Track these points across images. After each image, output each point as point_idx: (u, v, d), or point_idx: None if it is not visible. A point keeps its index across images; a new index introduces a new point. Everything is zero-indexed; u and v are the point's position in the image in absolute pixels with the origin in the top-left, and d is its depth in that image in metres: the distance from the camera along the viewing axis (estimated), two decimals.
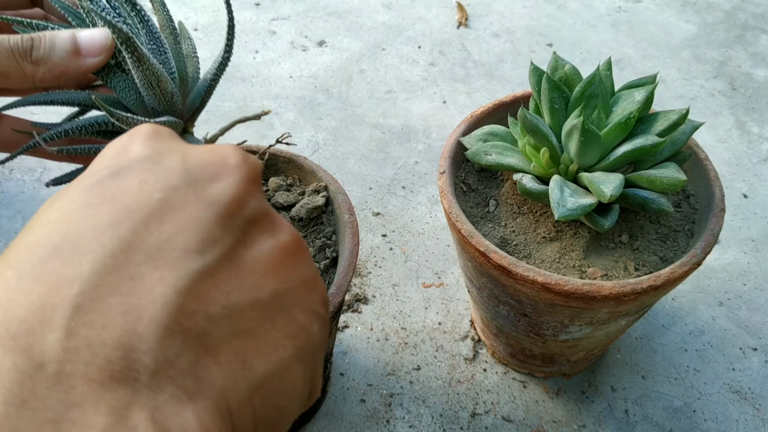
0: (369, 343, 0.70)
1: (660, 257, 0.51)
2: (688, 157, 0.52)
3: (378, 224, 0.82)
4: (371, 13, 1.21)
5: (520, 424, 0.63)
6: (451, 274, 0.76)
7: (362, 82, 1.05)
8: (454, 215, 0.52)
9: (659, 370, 0.67)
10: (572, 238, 0.52)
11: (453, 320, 0.72)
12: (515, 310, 0.54)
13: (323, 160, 0.91)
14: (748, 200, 0.85)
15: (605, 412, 0.64)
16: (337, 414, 0.64)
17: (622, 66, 1.08)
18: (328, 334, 0.23)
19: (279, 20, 1.19)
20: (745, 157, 0.91)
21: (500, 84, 1.05)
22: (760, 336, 0.70)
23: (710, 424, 0.63)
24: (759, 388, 0.65)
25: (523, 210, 0.55)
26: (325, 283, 0.27)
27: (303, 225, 0.54)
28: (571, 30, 1.16)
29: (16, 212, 0.85)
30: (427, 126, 0.97)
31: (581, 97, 0.51)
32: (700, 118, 0.96)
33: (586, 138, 0.48)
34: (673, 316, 0.72)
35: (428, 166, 0.90)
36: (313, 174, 0.57)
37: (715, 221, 0.51)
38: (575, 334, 0.54)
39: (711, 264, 0.77)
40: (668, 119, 0.50)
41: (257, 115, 0.42)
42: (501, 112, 0.61)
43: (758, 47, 1.11)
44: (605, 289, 0.46)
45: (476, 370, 0.67)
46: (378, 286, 0.75)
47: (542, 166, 0.52)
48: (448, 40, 1.14)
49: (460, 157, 0.59)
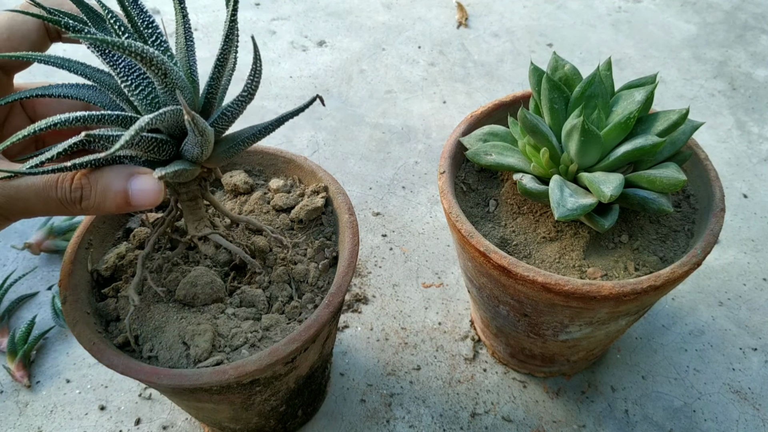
0: (369, 343, 0.70)
1: (660, 257, 0.51)
2: (688, 157, 0.52)
3: (378, 224, 0.82)
4: (371, 13, 1.21)
5: (520, 424, 0.63)
6: (451, 274, 0.76)
7: (362, 82, 1.05)
8: (454, 215, 0.52)
9: (659, 370, 0.67)
10: (572, 238, 0.52)
11: (453, 320, 0.72)
12: (515, 310, 0.54)
13: (323, 160, 0.91)
14: (748, 200, 0.85)
15: (605, 412, 0.64)
16: (337, 414, 0.64)
17: (622, 66, 1.07)
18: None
19: (279, 20, 1.19)
20: (745, 157, 0.91)
21: (500, 84, 1.05)
22: (760, 336, 0.70)
23: (710, 424, 0.63)
24: (759, 388, 0.65)
25: (523, 210, 0.55)
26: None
27: (303, 226, 0.54)
28: (571, 30, 1.16)
29: None
30: (427, 126, 0.97)
31: (581, 97, 0.51)
32: (700, 118, 0.96)
33: (586, 138, 0.48)
34: (673, 316, 0.72)
35: (428, 166, 0.90)
36: (313, 174, 0.57)
37: (715, 221, 0.51)
38: (575, 334, 0.54)
39: (711, 264, 0.77)
40: (668, 119, 0.50)
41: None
42: (501, 112, 0.61)
43: (758, 47, 1.11)
44: (605, 289, 0.46)
45: (476, 370, 0.67)
46: (378, 286, 0.75)
47: (542, 166, 0.52)
48: (448, 40, 1.14)
49: (460, 157, 0.59)
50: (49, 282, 0.76)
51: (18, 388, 0.66)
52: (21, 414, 0.64)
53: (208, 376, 0.42)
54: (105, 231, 0.53)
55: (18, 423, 0.63)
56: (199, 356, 0.44)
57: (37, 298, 0.75)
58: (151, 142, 0.36)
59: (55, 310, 0.72)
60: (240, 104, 0.40)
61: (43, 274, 0.77)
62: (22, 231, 0.82)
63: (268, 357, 0.42)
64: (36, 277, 0.77)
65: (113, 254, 0.51)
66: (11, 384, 0.66)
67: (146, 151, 0.37)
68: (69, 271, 0.48)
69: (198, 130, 0.36)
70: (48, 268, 0.78)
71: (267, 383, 0.47)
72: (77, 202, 0.35)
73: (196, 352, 0.44)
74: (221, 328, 0.46)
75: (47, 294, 0.75)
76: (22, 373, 0.66)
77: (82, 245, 0.51)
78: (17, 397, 0.65)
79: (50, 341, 0.70)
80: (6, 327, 0.71)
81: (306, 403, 0.59)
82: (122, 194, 0.35)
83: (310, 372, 0.53)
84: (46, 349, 0.70)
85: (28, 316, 0.73)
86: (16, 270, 0.77)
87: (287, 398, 0.54)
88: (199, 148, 0.38)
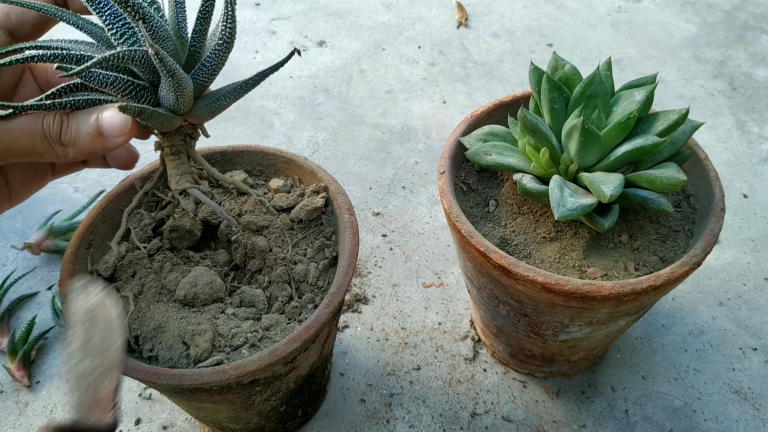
0: (369, 343, 0.70)
1: (660, 257, 0.51)
2: (688, 157, 0.52)
3: (378, 224, 0.82)
4: (371, 13, 1.21)
5: (520, 424, 0.63)
6: (451, 274, 0.76)
7: (362, 82, 1.05)
8: (454, 215, 0.52)
9: (659, 370, 0.67)
10: (572, 238, 0.52)
11: (453, 320, 0.72)
12: (515, 310, 0.54)
13: (323, 160, 0.91)
14: (748, 200, 0.85)
15: (605, 412, 0.64)
16: (337, 414, 0.64)
17: (622, 66, 1.07)
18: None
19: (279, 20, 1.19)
20: (745, 157, 0.91)
21: (500, 84, 1.05)
22: (760, 336, 0.70)
23: (710, 424, 0.63)
24: (759, 388, 0.65)
25: (523, 210, 0.55)
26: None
27: (303, 226, 0.54)
28: (571, 30, 1.16)
29: (16, 212, 0.85)
30: (427, 126, 0.97)
31: (581, 97, 0.51)
32: (700, 118, 0.96)
33: (586, 138, 0.48)
34: (673, 316, 0.72)
35: (428, 166, 0.90)
36: (313, 174, 0.57)
37: (715, 221, 0.51)
38: (575, 334, 0.54)
39: (711, 264, 0.77)
40: (668, 119, 0.50)
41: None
42: (501, 112, 0.61)
43: (758, 47, 1.11)
44: (605, 289, 0.46)
45: (476, 370, 0.67)
46: (378, 286, 0.75)
47: (542, 166, 0.52)
48: (448, 40, 1.14)
49: (460, 157, 0.59)
50: (49, 282, 0.76)
51: (18, 388, 0.66)
52: (21, 414, 0.64)
53: (208, 376, 0.42)
54: (105, 231, 0.53)
55: (18, 423, 0.63)
56: (199, 356, 0.44)
57: (37, 298, 0.75)
58: (127, 84, 0.38)
59: (55, 310, 0.72)
60: (217, 54, 0.41)
61: (43, 274, 0.77)
62: (22, 231, 0.82)
63: (268, 357, 0.42)
64: (36, 277, 0.77)
65: (113, 254, 0.51)
66: (11, 384, 0.66)
67: (124, 96, 0.39)
68: (69, 271, 0.48)
69: (166, 69, 0.37)
70: (48, 268, 0.78)
71: (267, 383, 0.47)
72: (57, 135, 0.38)
73: (196, 352, 0.44)
74: (221, 328, 0.46)
75: (47, 294, 0.75)
76: (22, 373, 0.66)
77: (82, 245, 0.51)
78: (17, 397, 0.65)
79: (50, 341, 0.70)
80: (6, 327, 0.71)
81: (306, 403, 0.59)
82: (95, 125, 0.38)
83: (310, 372, 0.53)
84: (46, 349, 0.70)
85: (28, 316, 0.73)
86: (16, 270, 0.77)
87: (287, 398, 0.54)
88: (173, 93, 0.39)
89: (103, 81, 0.37)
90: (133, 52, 0.36)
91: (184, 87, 0.39)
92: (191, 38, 0.42)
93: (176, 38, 0.40)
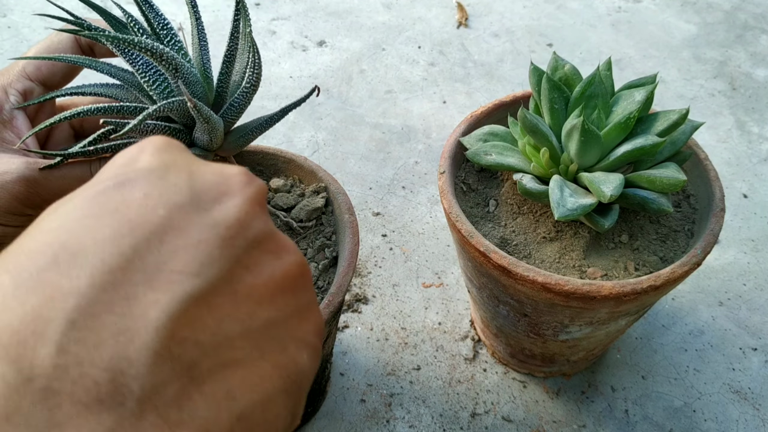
0: (369, 343, 0.70)
1: (660, 257, 0.51)
2: (688, 157, 0.52)
3: (378, 224, 0.82)
4: (371, 13, 1.21)
5: (520, 424, 0.63)
6: (451, 274, 0.76)
7: (362, 82, 1.05)
8: (454, 215, 0.52)
9: (659, 370, 0.67)
10: (572, 238, 0.52)
11: (453, 320, 0.72)
12: (515, 310, 0.54)
13: (323, 160, 0.91)
14: (748, 200, 0.85)
15: (605, 412, 0.64)
16: (337, 414, 0.64)
17: (622, 66, 1.07)
18: (318, 364, 0.23)
19: (279, 20, 1.19)
20: (745, 157, 0.91)
21: (500, 84, 1.05)
22: (760, 336, 0.70)
23: (710, 424, 0.63)
24: (759, 388, 0.65)
25: (523, 210, 0.55)
26: (321, 313, 0.27)
27: (303, 226, 0.54)
28: (571, 30, 1.16)
29: None
30: (427, 126, 0.97)
31: (581, 97, 0.51)
32: (700, 118, 0.96)
33: (586, 138, 0.48)
34: (673, 316, 0.72)
35: (428, 166, 0.90)
36: (313, 174, 0.57)
37: (715, 221, 0.51)
38: (575, 334, 0.54)
39: (711, 264, 0.77)
40: (668, 119, 0.50)
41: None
42: (501, 112, 0.61)
43: (758, 47, 1.11)
44: (605, 289, 0.46)
45: (476, 370, 0.67)
46: (378, 286, 0.75)
47: (542, 166, 0.52)
48: (448, 40, 1.14)
49: (460, 157, 0.59)
50: None
51: None
52: None
53: None
54: None
55: None
56: None
57: None
58: (164, 130, 0.41)
59: None
60: (245, 96, 0.43)
61: None
62: None
63: None
64: None
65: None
66: None
67: None
68: None
69: (202, 117, 0.39)
70: None
71: None
72: None
73: None
74: None
75: None
76: None
77: None
78: None
79: None
80: None
81: (306, 403, 0.59)
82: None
83: None
84: None
85: None
86: None
87: None
88: (207, 135, 0.41)
89: (143, 130, 0.39)
90: (172, 104, 0.38)
91: (217, 129, 0.41)
92: (218, 80, 0.44)
93: (203, 79, 0.43)
